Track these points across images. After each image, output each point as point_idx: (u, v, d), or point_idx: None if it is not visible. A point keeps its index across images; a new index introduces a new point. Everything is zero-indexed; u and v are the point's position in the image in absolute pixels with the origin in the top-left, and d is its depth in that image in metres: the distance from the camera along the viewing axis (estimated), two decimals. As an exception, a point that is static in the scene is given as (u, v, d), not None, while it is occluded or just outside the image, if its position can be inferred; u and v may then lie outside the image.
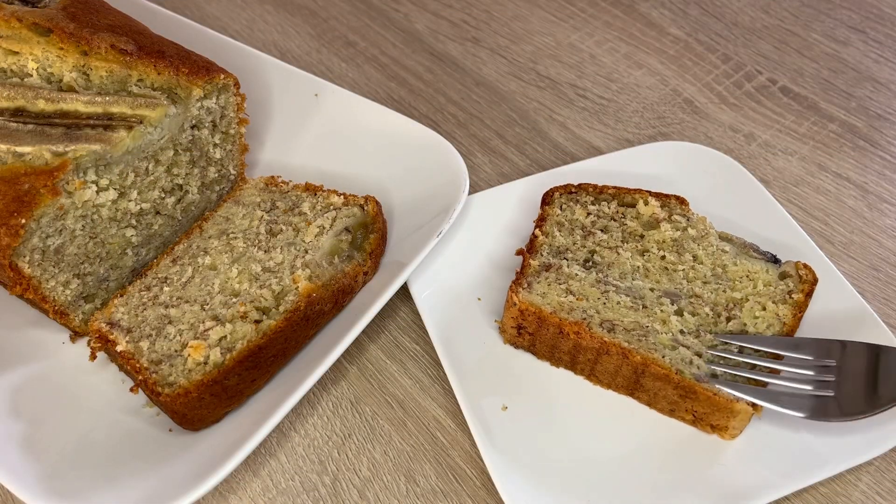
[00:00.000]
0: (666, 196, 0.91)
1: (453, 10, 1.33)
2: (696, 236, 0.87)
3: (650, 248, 0.87)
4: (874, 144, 1.11)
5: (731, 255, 0.86)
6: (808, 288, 0.82)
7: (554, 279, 0.84)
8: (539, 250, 0.87)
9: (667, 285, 0.83)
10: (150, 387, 0.76)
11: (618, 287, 0.83)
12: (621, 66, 1.23)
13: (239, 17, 1.31)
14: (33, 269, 0.77)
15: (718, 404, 0.74)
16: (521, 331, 0.83)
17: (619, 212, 0.91)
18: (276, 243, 0.87)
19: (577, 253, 0.87)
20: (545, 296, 0.82)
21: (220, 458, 0.71)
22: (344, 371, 0.88)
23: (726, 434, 0.76)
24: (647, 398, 0.80)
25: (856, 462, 0.74)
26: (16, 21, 0.86)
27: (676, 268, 0.85)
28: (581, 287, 0.83)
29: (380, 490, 0.79)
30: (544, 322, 0.80)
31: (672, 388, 0.76)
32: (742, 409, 0.73)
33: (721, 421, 0.75)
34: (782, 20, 1.30)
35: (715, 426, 0.76)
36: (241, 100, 0.92)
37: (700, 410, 0.76)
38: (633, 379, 0.79)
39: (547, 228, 0.89)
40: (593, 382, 0.83)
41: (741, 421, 0.75)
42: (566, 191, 0.93)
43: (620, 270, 0.85)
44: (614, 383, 0.81)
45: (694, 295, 0.82)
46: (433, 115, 1.16)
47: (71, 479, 0.73)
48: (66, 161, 0.76)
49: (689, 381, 0.74)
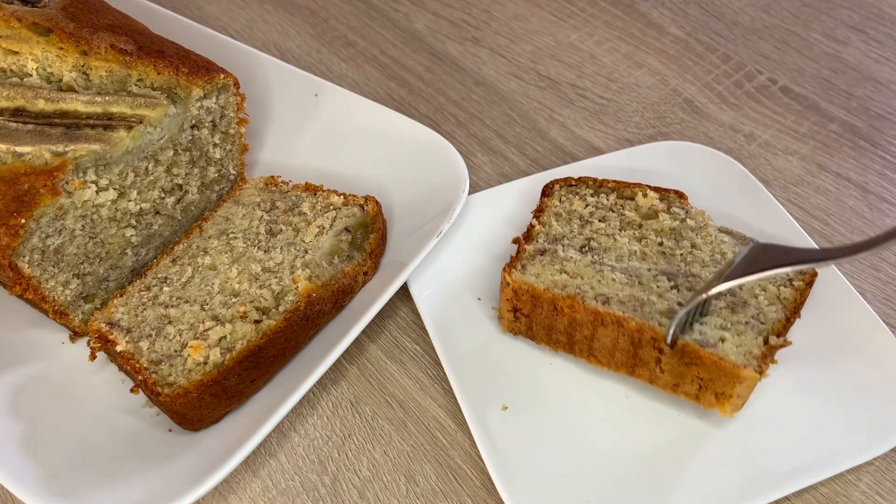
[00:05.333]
0: (665, 190, 0.91)
1: (453, 10, 1.33)
2: (694, 227, 0.87)
3: (648, 236, 0.86)
4: (874, 144, 1.11)
5: (731, 245, 0.85)
6: (808, 278, 0.82)
7: (548, 262, 0.83)
8: (535, 238, 0.87)
9: (664, 266, 0.83)
10: (149, 387, 0.76)
11: (613, 267, 0.82)
12: (621, 65, 1.23)
13: (239, 17, 1.31)
14: (33, 269, 0.77)
15: (724, 369, 0.72)
16: (517, 313, 0.83)
17: (619, 203, 0.91)
18: (276, 243, 0.87)
19: (573, 240, 0.86)
20: (539, 276, 0.82)
21: (220, 458, 0.71)
22: (344, 371, 0.88)
23: (728, 404, 0.74)
24: (647, 374, 0.79)
25: (856, 462, 0.74)
26: (16, 21, 0.86)
27: (674, 252, 0.84)
28: (576, 267, 0.82)
29: (380, 490, 0.79)
30: (538, 300, 0.80)
31: (678, 357, 0.74)
32: (749, 375, 0.71)
33: (726, 388, 0.73)
34: (782, 20, 1.30)
35: (720, 394, 0.74)
36: (241, 100, 0.92)
37: (706, 377, 0.74)
38: (631, 352, 0.78)
39: (545, 218, 0.89)
40: (593, 363, 0.82)
41: (746, 388, 0.73)
42: (566, 183, 0.93)
43: (617, 254, 0.84)
44: (613, 360, 0.80)
45: (692, 275, 0.82)
46: (433, 115, 1.16)
47: (71, 479, 0.73)
48: (66, 161, 0.76)
49: (694, 348, 0.73)
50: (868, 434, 0.75)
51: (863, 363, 0.81)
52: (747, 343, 0.75)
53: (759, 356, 0.73)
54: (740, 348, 0.74)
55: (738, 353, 0.74)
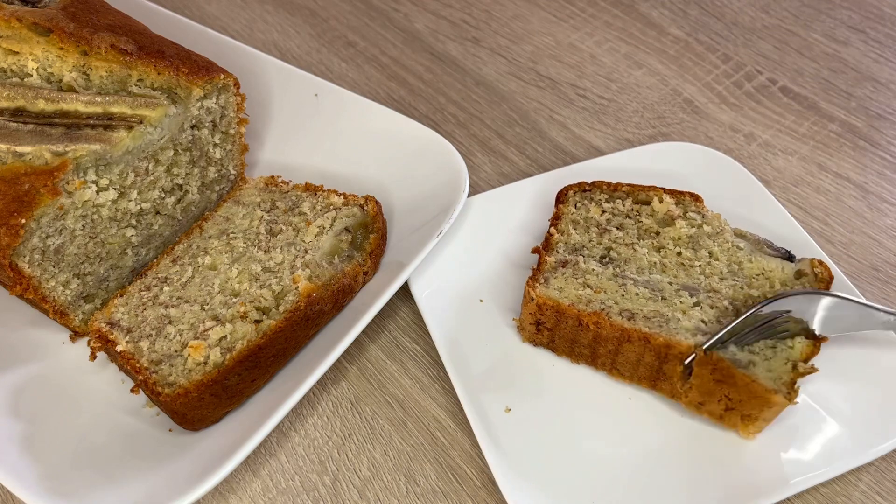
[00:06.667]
0: (680, 193, 0.91)
1: (453, 10, 1.33)
2: (711, 233, 0.87)
3: (666, 245, 0.86)
4: (874, 144, 1.11)
5: (747, 251, 0.85)
6: (823, 286, 0.82)
7: (571, 274, 0.84)
8: (555, 248, 0.87)
9: (685, 280, 0.83)
10: (150, 387, 0.76)
11: (636, 280, 0.83)
12: (621, 66, 1.23)
13: (239, 17, 1.31)
14: (33, 268, 0.77)
15: (756, 392, 0.72)
16: (539, 327, 0.83)
17: (634, 209, 0.91)
18: (276, 243, 0.87)
19: (593, 250, 0.87)
20: (562, 290, 0.82)
21: (220, 458, 0.71)
22: (344, 371, 0.88)
23: (752, 427, 0.75)
24: (669, 389, 0.79)
25: (856, 464, 0.74)
26: (16, 21, 0.86)
27: (693, 263, 0.84)
28: (598, 281, 0.83)
29: (380, 490, 0.79)
30: (563, 315, 0.80)
31: (709, 371, 0.74)
32: (779, 402, 0.71)
33: (754, 411, 0.74)
34: (782, 20, 1.30)
35: (746, 416, 0.75)
36: (241, 100, 0.92)
37: (736, 398, 0.74)
38: (655, 367, 0.78)
39: (562, 226, 0.89)
40: (615, 377, 0.82)
41: (774, 412, 0.73)
42: (580, 188, 0.93)
43: (638, 265, 0.84)
44: (636, 375, 0.80)
45: (712, 290, 0.82)
46: (433, 115, 1.16)
47: (71, 479, 0.73)
48: (66, 161, 0.76)
49: (728, 365, 0.73)
50: (868, 435, 0.75)
51: (863, 364, 0.81)
52: (777, 368, 0.74)
53: (788, 382, 0.73)
54: (770, 373, 0.74)
55: (768, 377, 0.73)
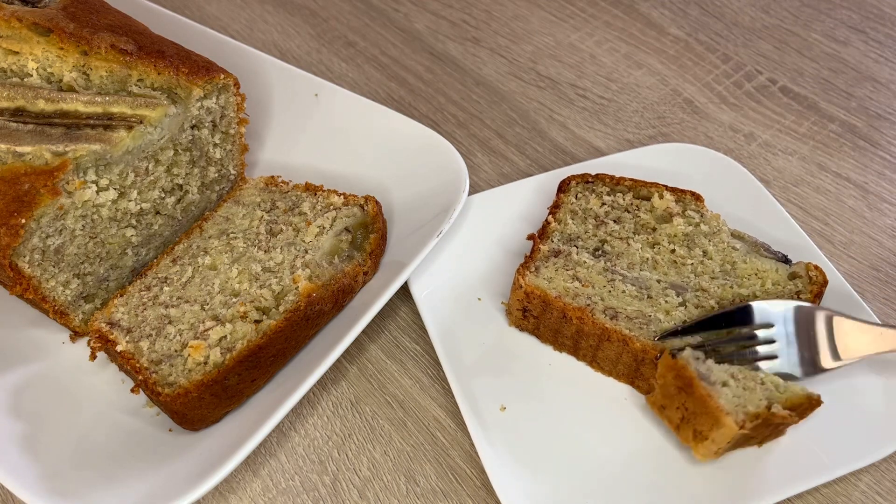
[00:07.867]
0: (682, 191, 0.91)
1: (453, 10, 1.33)
2: (708, 232, 0.87)
3: (661, 241, 0.87)
4: (874, 144, 1.11)
5: (742, 252, 0.86)
6: (817, 289, 0.82)
7: (562, 265, 0.84)
8: (550, 236, 0.87)
9: (674, 278, 0.83)
10: (150, 387, 0.76)
11: (625, 276, 0.83)
12: (621, 66, 1.23)
13: (239, 17, 1.31)
14: (33, 268, 0.77)
15: (709, 407, 0.69)
16: (525, 314, 0.84)
17: (634, 204, 0.91)
18: (276, 243, 0.87)
19: (587, 241, 0.87)
20: (551, 280, 0.82)
21: (220, 458, 0.71)
22: (344, 371, 0.88)
23: (701, 448, 0.71)
24: (645, 387, 0.80)
25: (856, 467, 0.74)
26: (16, 21, 0.86)
27: (685, 262, 0.85)
28: (588, 274, 0.83)
29: (380, 490, 0.79)
30: (549, 306, 0.81)
31: (673, 376, 0.73)
32: (728, 424, 0.68)
33: (704, 428, 0.70)
34: (782, 20, 1.30)
35: (697, 433, 0.71)
36: (241, 100, 0.92)
37: (691, 408, 0.72)
38: (633, 367, 0.79)
39: (560, 216, 0.89)
40: (595, 369, 0.83)
41: (723, 436, 0.69)
42: (583, 180, 0.94)
43: (629, 261, 0.85)
44: (615, 371, 0.81)
45: (700, 289, 0.82)
46: (433, 115, 1.16)
47: (71, 479, 0.73)
48: (66, 161, 0.76)
49: (691, 374, 0.71)
50: (868, 438, 0.75)
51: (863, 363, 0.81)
52: (748, 399, 0.70)
53: (752, 415, 0.69)
54: (737, 399, 0.70)
55: (731, 400, 0.70)
